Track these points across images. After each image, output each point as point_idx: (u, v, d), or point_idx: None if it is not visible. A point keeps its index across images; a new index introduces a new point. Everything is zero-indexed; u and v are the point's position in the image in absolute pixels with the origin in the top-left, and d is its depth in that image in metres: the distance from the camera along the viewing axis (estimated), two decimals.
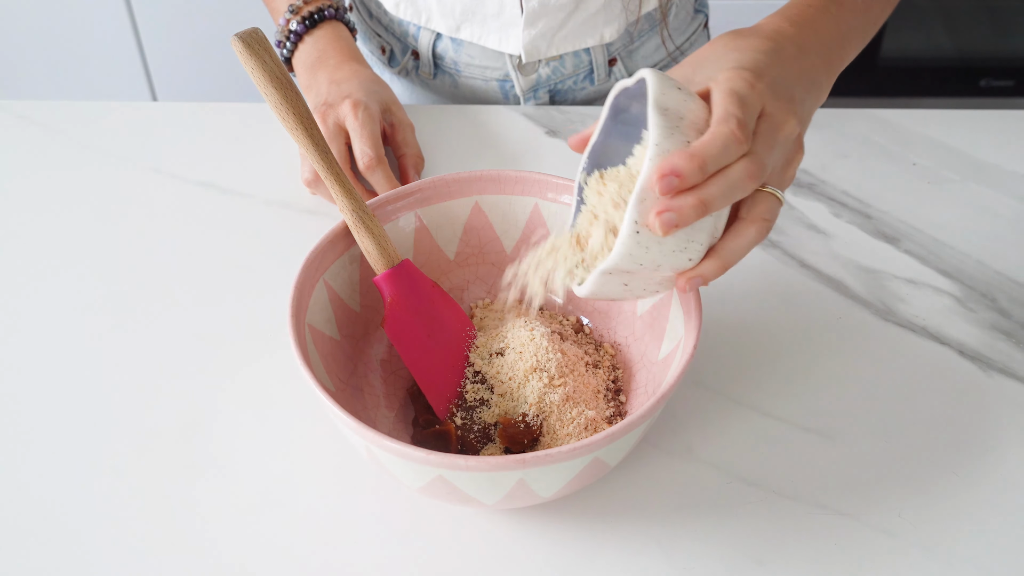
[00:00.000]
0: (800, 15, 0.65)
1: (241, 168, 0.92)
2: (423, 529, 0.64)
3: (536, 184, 0.72)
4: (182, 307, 0.79)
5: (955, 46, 2.09)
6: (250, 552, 0.63)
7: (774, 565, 0.62)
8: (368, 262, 0.70)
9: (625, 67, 0.99)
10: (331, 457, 0.68)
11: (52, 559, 0.63)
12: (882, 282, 0.81)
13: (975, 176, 0.91)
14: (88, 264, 0.83)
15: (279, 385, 0.73)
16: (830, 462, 0.68)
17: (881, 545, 0.63)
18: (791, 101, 0.59)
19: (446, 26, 0.95)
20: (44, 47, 1.95)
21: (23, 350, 0.76)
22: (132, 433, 0.70)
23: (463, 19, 0.94)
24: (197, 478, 0.67)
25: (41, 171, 0.92)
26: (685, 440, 0.69)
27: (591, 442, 0.56)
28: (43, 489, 0.67)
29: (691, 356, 0.60)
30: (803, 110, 0.61)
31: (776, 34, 0.62)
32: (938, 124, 0.97)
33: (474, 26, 0.94)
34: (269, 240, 0.84)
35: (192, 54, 1.96)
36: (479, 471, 0.56)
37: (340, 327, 0.69)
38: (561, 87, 0.99)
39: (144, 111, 1.00)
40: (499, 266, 0.76)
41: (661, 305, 0.68)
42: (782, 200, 0.59)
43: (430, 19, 0.95)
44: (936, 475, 0.67)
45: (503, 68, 0.97)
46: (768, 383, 0.73)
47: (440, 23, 0.95)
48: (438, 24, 0.95)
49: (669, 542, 0.64)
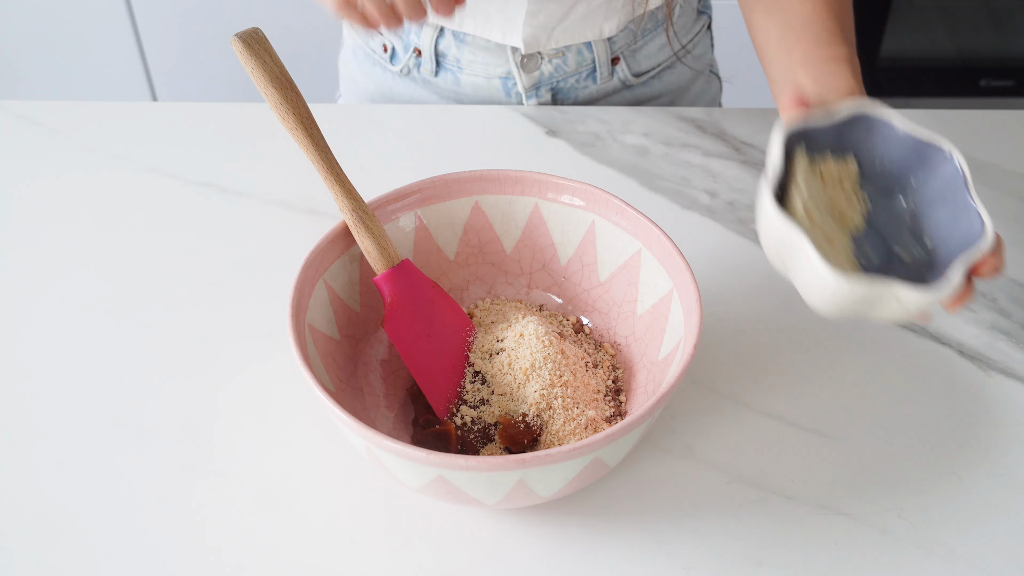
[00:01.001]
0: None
1: (241, 168, 0.92)
2: (423, 529, 0.64)
3: (536, 184, 0.72)
4: (182, 307, 0.79)
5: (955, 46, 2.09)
6: (250, 552, 0.63)
7: (774, 565, 0.62)
8: (368, 262, 0.70)
9: (628, 66, 0.99)
10: (331, 457, 0.68)
11: (53, 558, 0.63)
12: None
13: (975, 176, 0.91)
14: (88, 264, 0.83)
15: (279, 385, 0.73)
16: (830, 462, 0.68)
17: (881, 545, 0.63)
18: None
19: (449, 18, 0.95)
20: (44, 47, 1.95)
21: (22, 350, 0.76)
22: (132, 433, 0.70)
23: (467, 11, 0.93)
24: (197, 478, 0.67)
25: (41, 171, 0.92)
26: (685, 440, 0.69)
27: (591, 442, 0.56)
28: (44, 489, 0.67)
29: (691, 356, 0.60)
30: None
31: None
32: (938, 124, 0.97)
33: (477, 18, 0.94)
34: (269, 240, 0.84)
35: (192, 54, 1.96)
36: (479, 471, 0.56)
37: (340, 327, 0.69)
38: (563, 85, 0.99)
39: (144, 111, 1.00)
40: (499, 266, 0.76)
41: (661, 305, 0.68)
42: None
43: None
44: (936, 475, 0.67)
45: (506, 65, 0.97)
46: (768, 383, 0.73)
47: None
48: (441, 16, 0.95)
49: (669, 542, 0.64)
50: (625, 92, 1.01)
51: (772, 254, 0.59)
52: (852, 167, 0.63)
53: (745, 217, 0.86)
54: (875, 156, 0.63)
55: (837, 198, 0.62)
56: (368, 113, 0.98)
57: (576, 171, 0.90)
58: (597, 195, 0.71)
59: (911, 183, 0.62)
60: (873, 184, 0.63)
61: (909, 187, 0.63)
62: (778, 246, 0.58)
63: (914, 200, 0.63)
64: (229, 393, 0.72)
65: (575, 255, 0.74)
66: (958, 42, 2.09)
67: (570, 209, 0.72)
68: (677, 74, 1.04)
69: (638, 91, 1.02)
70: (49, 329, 0.77)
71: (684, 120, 0.97)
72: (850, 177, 0.63)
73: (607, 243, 0.72)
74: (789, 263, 0.58)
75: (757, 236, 0.85)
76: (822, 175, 0.62)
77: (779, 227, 0.56)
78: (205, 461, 0.68)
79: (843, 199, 0.62)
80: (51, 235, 0.85)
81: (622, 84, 1.00)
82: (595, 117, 0.97)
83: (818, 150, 0.62)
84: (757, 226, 0.60)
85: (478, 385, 0.69)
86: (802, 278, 0.57)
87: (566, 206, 0.72)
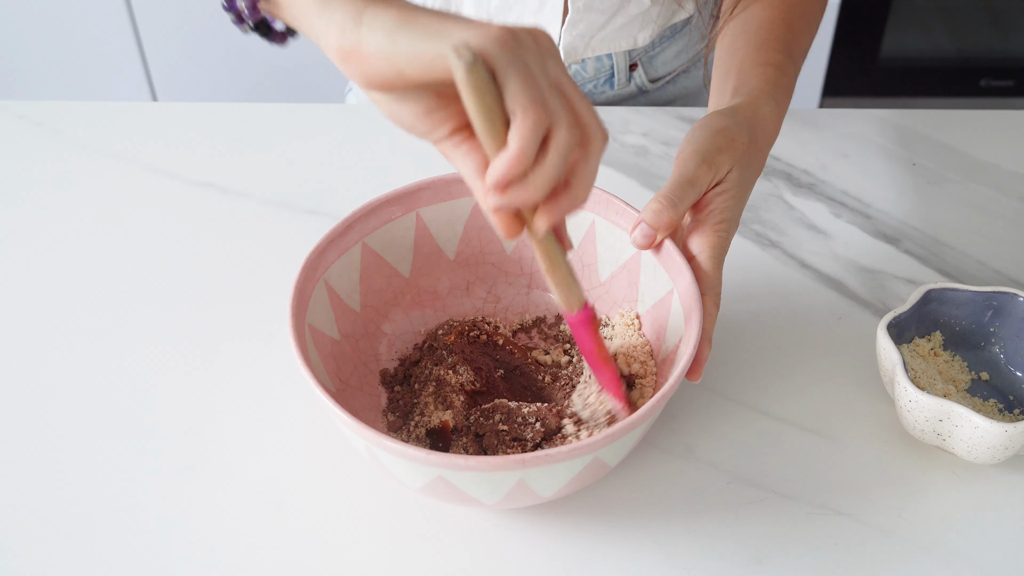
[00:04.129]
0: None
1: (241, 168, 0.92)
2: (423, 529, 0.64)
3: None
4: (182, 307, 0.79)
5: (955, 46, 2.09)
6: (249, 551, 0.63)
7: (774, 565, 0.62)
8: (373, 262, 0.70)
9: (645, 72, 0.99)
10: (331, 457, 0.68)
11: (51, 558, 0.63)
12: (882, 282, 0.81)
13: (975, 176, 0.91)
14: (87, 264, 0.83)
15: (279, 385, 0.73)
16: (830, 462, 0.68)
17: (881, 545, 0.63)
18: None
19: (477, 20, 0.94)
20: (44, 47, 1.95)
21: (22, 350, 0.76)
22: (131, 433, 0.70)
23: (497, 14, 0.93)
24: (196, 478, 0.67)
25: (41, 171, 0.92)
26: (685, 440, 0.69)
27: (591, 442, 0.56)
28: (42, 488, 0.67)
29: (691, 356, 0.60)
30: None
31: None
32: (938, 124, 0.97)
33: (508, 23, 0.93)
34: (269, 240, 0.84)
35: (192, 54, 1.96)
36: (479, 471, 0.56)
37: (340, 327, 0.69)
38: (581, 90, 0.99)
39: (144, 111, 1.00)
40: (499, 266, 0.76)
41: (661, 305, 0.68)
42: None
43: (460, 11, 0.95)
44: (936, 475, 0.67)
45: None
46: (768, 383, 0.73)
47: (472, 16, 0.94)
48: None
49: (669, 542, 0.64)
50: (640, 97, 1.02)
51: (926, 429, 0.66)
52: (937, 337, 0.72)
53: (745, 217, 0.86)
54: (952, 320, 0.72)
55: (940, 366, 0.71)
56: (371, 113, 0.98)
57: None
58: (597, 195, 0.71)
59: (992, 331, 0.72)
60: (961, 343, 0.73)
61: (992, 335, 0.72)
62: (934, 425, 0.65)
63: (1001, 343, 0.72)
64: (229, 393, 0.72)
65: (575, 255, 0.74)
66: (958, 42, 2.09)
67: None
68: (691, 79, 1.04)
69: (653, 96, 1.02)
70: (49, 329, 0.77)
71: (684, 120, 0.97)
72: (939, 345, 0.72)
73: (607, 243, 0.72)
74: (950, 433, 0.65)
75: (757, 236, 0.85)
76: (916, 352, 0.71)
77: (934, 407, 0.64)
78: (205, 461, 0.68)
79: (944, 366, 0.71)
80: (51, 235, 0.85)
81: (638, 90, 1.01)
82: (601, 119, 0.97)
83: (905, 331, 0.71)
84: (901, 412, 0.66)
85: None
86: (967, 442, 0.64)
87: None
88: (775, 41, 0.75)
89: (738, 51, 0.76)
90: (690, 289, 0.64)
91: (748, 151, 0.67)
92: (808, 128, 0.97)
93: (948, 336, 0.73)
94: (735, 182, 0.66)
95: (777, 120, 0.72)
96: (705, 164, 0.65)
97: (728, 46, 0.77)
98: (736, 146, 0.66)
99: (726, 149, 0.66)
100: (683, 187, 0.64)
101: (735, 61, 0.75)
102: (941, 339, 0.72)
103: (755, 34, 0.76)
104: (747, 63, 0.74)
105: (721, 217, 0.66)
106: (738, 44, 0.76)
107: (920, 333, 0.72)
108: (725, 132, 0.66)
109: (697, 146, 0.65)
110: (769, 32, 0.76)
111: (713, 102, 0.75)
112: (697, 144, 0.65)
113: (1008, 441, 0.63)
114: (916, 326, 0.72)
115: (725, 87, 0.74)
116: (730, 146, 0.66)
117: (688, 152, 0.65)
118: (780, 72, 0.73)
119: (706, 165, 0.65)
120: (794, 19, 0.77)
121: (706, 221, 0.66)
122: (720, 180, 0.66)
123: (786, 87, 0.74)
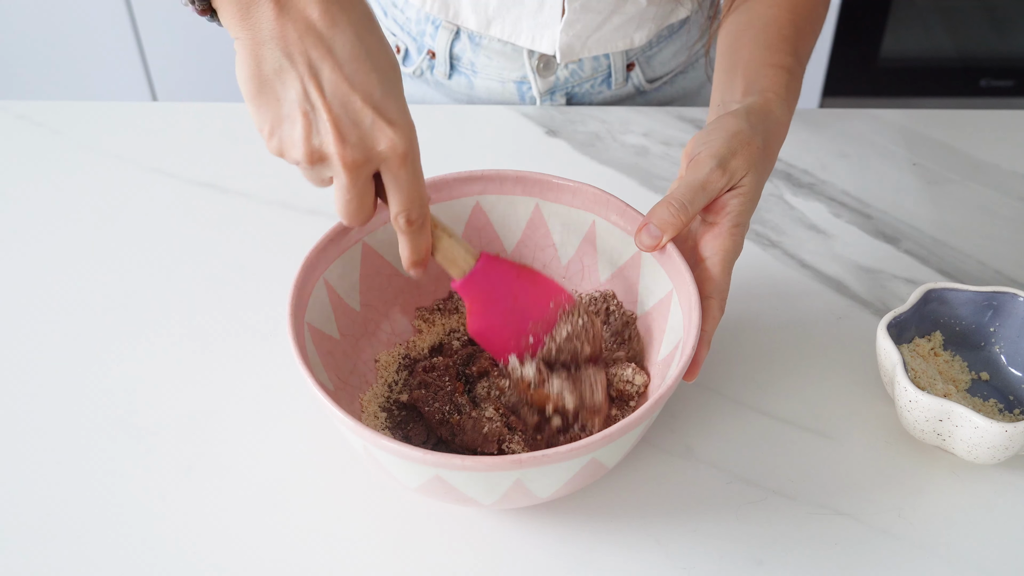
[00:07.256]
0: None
1: (241, 168, 0.92)
2: (421, 529, 0.64)
3: (536, 184, 0.72)
4: (181, 307, 0.79)
5: (955, 46, 2.09)
6: (248, 551, 0.63)
7: (774, 565, 0.62)
8: (373, 262, 0.70)
9: (643, 72, 0.99)
10: (330, 457, 0.68)
11: (51, 558, 0.63)
12: (882, 282, 0.81)
13: (975, 176, 0.91)
14: (87, 264, 0.83)
15: (278, 384, 0.73)
16: (830, 462, 0.68)
17: (881, 545, 0.63)
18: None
19: (476, 21, 0.94)
20: (44, 47, 1.95)
21: (22, 349, 0.76)
22: (130, 432, 0.70)
23: (496, 15, 0.93)
24: (196, 477, 0.67)
25: (41, 171, 0.92)
26: (685, 440, 0.69)
27: (589, 443, 0.56)
28: (41, 488, 0.66)
29: (691, 356, 0.60)
30: None
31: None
32: (938, 124, 0.97)
33: (506, 23, 0.93)
34: (269, 240, 0.84)
35: (192, 54, 1.96)
36: (476, 471, 0.56)
37: (340, 327, 0.69)
38: (578, 90, 0.99)
39: (144, 111, 1.00)
40: None
41: (661, 306, 0.68)
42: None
43: (458, 14, 0.94)
44: (936, 475, 0.67)
45: (521, 70, 0.97)
46: (768, 383, 0.73)
47: (470, 18, 0.94)
48: (467, 19, 0.94)
49: (669, 542, 0.64)
50: (638, 97, 1.01)
51: (926, 429, 0.66)
52: (937, 337, 0.72)
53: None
54: (953, 320, 0.72)
55: (940, 366, 0.71)
56: None
57: (576, 171, 0.90)
58: (597, 195, 0.71)
59: (992, 331, 0.72)
60: (961, 343, 0.73)
61: (992, 335, 0.72)
62: (935, 425, 0.65)
63: (1001, 343, 0.72)
64: (228, 393, 0.72)
65: (576, 255, 0.74)
66: (958, 42, 2.09)
67: (570, 209, 0.72)
68: (689, 79, 1.04)
69: (651, 96, 1.02)
70: (49, 329, 0.77)
71: (684, 120, 0.97)
72: (939, 345, 0.72)
73: (607, 243, 0.72)
74: (950, 433, 0.65)
75: (757, 236, 0.85)
76: (916, 352, 0.71)
77: (934, 407, 0.64)
78: (203, 460, 0.68)
79: (944, 366, 0.71)
80: (51, 235, 0.85)
81: (636, 90, 1.01)
82: (595, 117, 0.97)
83: (905, 331, 0.71)
84: (901, 412, 0.66)
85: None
86: (967, 441, 0.64)
87: (567, 206, 0.72)
88: (784, 42, 0.75)
89: (744, 48, 0.75)
90: (690, 289, 0.64)
91: (762, 155, 0.67)
92: (808, 128, 0.97)
93: (948, 336, 0.73)
94: (751, 186, 0.66)
95: (788, 124, 0.71)
96: (720, 168, 0.65)
97: (733, 42, 0.77)
98: (752, 150, 0.66)
99: (741, 153, 0.66)
100: (695, 191, 0.64)
101: (741, 58, 0.74)
102: (941, 339, 0.72)
103: (762, 32, 0.75)
104: (756, 62, 0.74)
105: (737, 221, 0.66)
106: (744, 40, 0.76)
107: (920, 333, 0.72)
108: (740, 135, 0.66)
109: (713, 150, 0.65)
110: (777, 32, 0.75)
111: (717, 97, 0.74)
112: (712, 148, 0.65)
113: (1008, 441, 0.63)
114: (916, 326, 0.72)
115: (732, 84, 0.73)
116: (745, 150, 0.66)
117: (703, 156, 0.65)
118: (790, 75, 0.73)
119: (720, 170, 0.65)
120: (800, 19, 0.76)
121: (722, 224, 0.66)
122: (736, 184, 0.66)
123: (795, 91, 0.73)
